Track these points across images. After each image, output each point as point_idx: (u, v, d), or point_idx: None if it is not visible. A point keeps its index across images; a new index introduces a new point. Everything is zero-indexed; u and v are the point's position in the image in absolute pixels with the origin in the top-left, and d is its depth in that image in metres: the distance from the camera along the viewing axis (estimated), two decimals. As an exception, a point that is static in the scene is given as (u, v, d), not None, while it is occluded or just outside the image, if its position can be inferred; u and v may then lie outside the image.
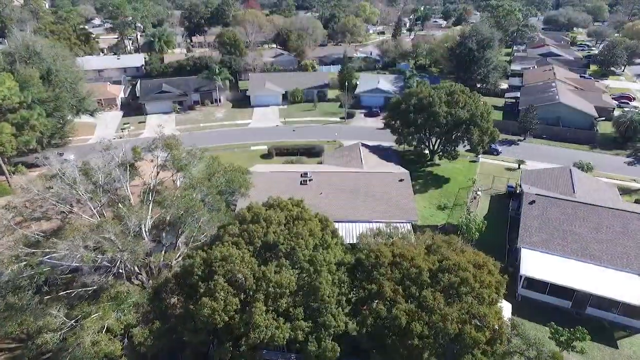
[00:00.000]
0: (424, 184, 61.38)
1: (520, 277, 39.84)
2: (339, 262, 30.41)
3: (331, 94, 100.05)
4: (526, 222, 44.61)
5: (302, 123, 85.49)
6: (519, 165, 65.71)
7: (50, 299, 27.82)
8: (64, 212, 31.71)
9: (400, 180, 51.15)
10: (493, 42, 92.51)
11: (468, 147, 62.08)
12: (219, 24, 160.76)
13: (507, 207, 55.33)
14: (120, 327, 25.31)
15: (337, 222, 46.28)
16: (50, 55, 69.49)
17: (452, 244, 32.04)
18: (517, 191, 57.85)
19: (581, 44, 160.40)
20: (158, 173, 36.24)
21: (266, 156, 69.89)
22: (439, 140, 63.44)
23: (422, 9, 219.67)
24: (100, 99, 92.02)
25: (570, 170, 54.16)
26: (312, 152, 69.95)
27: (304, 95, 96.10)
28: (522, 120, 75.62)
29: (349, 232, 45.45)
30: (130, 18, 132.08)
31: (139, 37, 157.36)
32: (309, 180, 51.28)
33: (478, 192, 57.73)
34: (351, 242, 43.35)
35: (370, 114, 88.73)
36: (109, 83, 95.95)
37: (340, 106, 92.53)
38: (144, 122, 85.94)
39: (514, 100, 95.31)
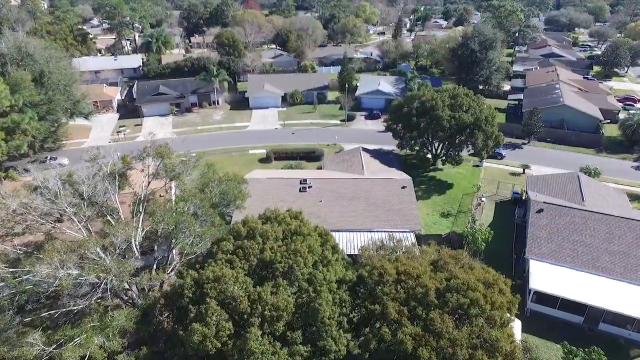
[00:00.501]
0: (427, 189, 59.40)
1: (530, 291, 37.89)
2: (340, 279, 28.45)
3: (331, 95, 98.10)
4: (534, 231, 42.64)
5: (301, 126, 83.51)
6: (524, 170, 63.77)
7: (31, 320, 25.83)
8: (48, 226, 29.71)
9: (403, 187, 49.16)
10: (496, 43, 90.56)
11: (472, 151, 60.12)
12: (218, 25, 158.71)
13: (512, 214, 53.39)
14: (103, 355, 23.33)
15: (337, 231, 44.55)
16: (43, 56, 67.48)
17: (460, 259, 30.08)
18: (523, 197, 55.95)
19: (583, 44, 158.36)
20: (149, 183, 34.25)
21: (265, 160, 67.92)
22: (442, 145, 61.49)
23: (422, 9, 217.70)
24: (96, 101, 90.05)
25: (577, 176, 52.20)
26: (311, 156, 68.00)
27: (303, 97, 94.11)
28: (527, 123, 73.64)
29: (349, 242, 43.52)
30: (128, 18, 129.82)
31: (137, 37, 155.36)
32: (308, 187, 49.30)
33: (482, 199, 55.79)
34: (352, 253, 41.49)
35: (371, 116, 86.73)
36: (104, 85, 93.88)
37: (341, 108, 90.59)
38: (141, 124, 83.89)
39: (516, 102, 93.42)
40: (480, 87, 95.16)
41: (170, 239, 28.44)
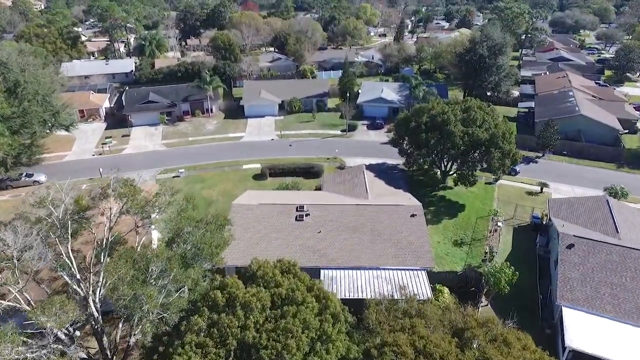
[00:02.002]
0: (437, 212, 53.18)
1: (565, 349, 31.75)
2: (343, 358, 22.34)
3: (331, 102, 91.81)
4: (565, 272, 36.50)
5: (299, 137, 77.27)
6: (542, 189, 57.61)
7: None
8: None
9: (413, 215, 42.98)
10: (505, 48, 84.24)
11: (484, 166, 53.78)
12: (215, 27, 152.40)
13: (533, 242, 47.30)
14: None
15: (338, 269, 38.52)
16: (19, 64, 61.17)
17: (491, 329, 23.96)
18: (544, 222, 49.84)
19: (590, 47, 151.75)
20: (111, 228, 28.05)
21: (259, 177, 61.70)
22: (452, 162, 55.27)
23: (423, 10, 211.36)
24: (83, 110, 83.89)
25: (607, 201, 46.03)
26: (310, 172, 61.79)
27: (302, 104, 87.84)
28: (542, 135, 67.36)
29: (353, 282, 37.41)
30: (121, 21, 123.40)
31: (132, 40, 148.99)
32: (306, 215, 43.14)
33: (499, 224, 49.59)
34: (355, 296, 35.44)
35: (374, 125, 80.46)
36: (91, 92, 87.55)
37: (341, 117, 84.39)
38: (128, 135, 77.57)
39: (527, 110, 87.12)
40: (488, 94, 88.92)
41: (128, 313, 22.28)
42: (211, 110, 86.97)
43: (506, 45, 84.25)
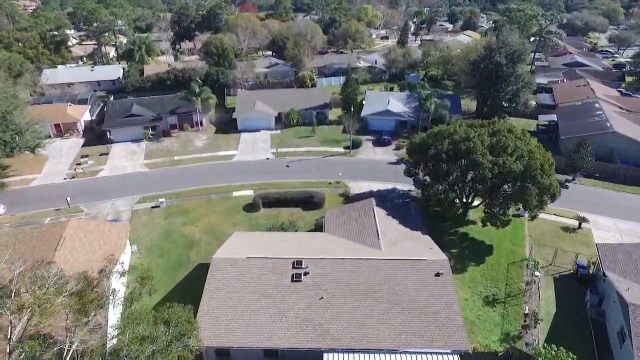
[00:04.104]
0: (460, 255, 43.82)
1: None
2: None
3: (332, 114, 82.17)
4: (644, 360, 27.34)
5: (298, 155, 67.82)
6: (580, 224, 48.31)
7: None
8: None
9: (438, 274, 33.71)
10: (524, 55, 74.75)
11: (518, 204, 44.49)
12: (210, 29, 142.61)
13: (581, 298, 38.17)
14: None
15: (346, 352, 29.24)
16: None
17: None
18: (591, 272, 40.66)
19: (602, 50, 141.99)
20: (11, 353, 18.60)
21: (251, 208, 52.26)
22: (476, 194, 45.95)
23: (425, 11, 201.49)
24: (59, 124, 74.39)
25: (674, 250, 36.86)
26: (310, 202, 52.43)
27: (301, 117, 78.32)
28: (573, 157, 57.99)
29: (365, 372, 28.22)
30: (108, 24, 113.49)
31: (124, 42, 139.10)
32: (304, 273, 33.85)
33: (536, 274, 40.33)
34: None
35: (380, 142, 71.01)
36: (69, 104, 77.92)
37: (344, 131, 74.99)
38: (107, 153, 68.00)
39: (547, 123, 77.69)
40: (505, 105, 79.42)
41: None
42: (201, 123, 77.43)
43: (525, 52, 74.78)
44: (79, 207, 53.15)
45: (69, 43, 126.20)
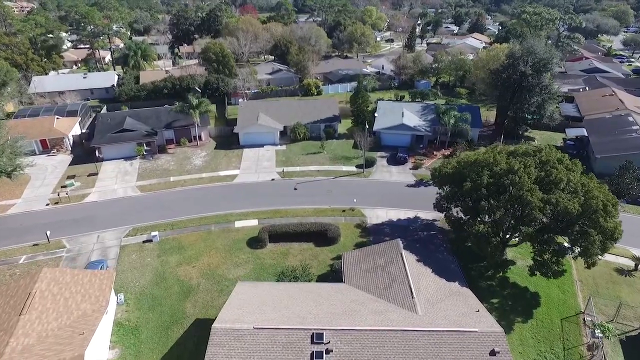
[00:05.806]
0: (502, 307, 36.76)
1: None
2: None
3: (341, 126, 74.94)
4: None
5: (306, 175, 60.64)
6: (637, 266, 41.28)
7: None
8: None
9: (493, 353, 26.59)
10: (551, 64, 67.53)
11: (576, 251, 37.25)
12: (210, 33, 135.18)
13: (656, 369, 31.14)
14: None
15: None
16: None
17: None
18: (663, 332, 33.61)
19: (617, 54, 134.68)
20: None
21: (255, 243, 45.06)
22: (519, 236, 38.78)
23: (431, 13, 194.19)
24: (45, 140, 67.12)
25: None
26: (323, 236, 45.27)
27: (308, 131, 71.09)
28: (617, 182, 50.93)
29: None
30: (102, 27, 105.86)
31: (121, 46, 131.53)
32: (327, 351, 26.74)
33: (597, 334, 33.28)
34: None
35: (396, 160, 63.85)
36: (57, 117, 70.55)
37: (354, 146, 67.96)
38: (96, 174, 60.75)
39: (575, 138, 70.54)
40: (528, 117, 72.36)
41: None
42: (200, 137, 70.19)
43: (552, 60, 67.56)
44: (61, 242, 45.89)
45: (64, 47, 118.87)
